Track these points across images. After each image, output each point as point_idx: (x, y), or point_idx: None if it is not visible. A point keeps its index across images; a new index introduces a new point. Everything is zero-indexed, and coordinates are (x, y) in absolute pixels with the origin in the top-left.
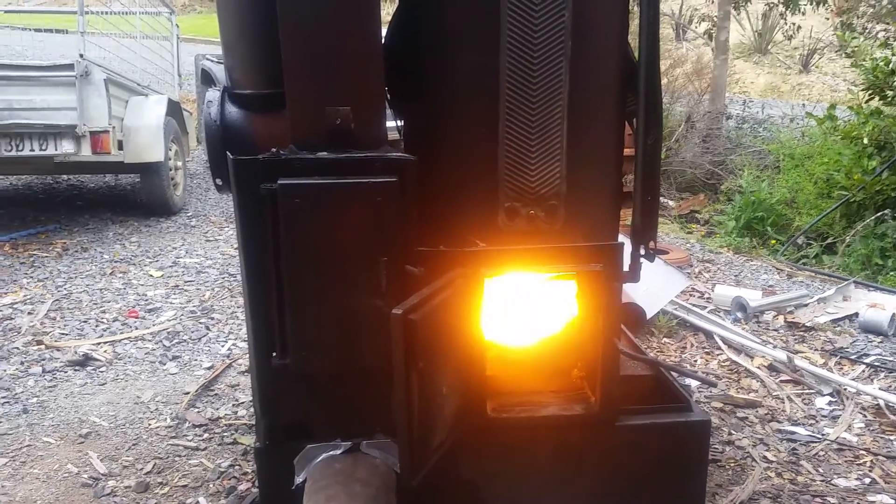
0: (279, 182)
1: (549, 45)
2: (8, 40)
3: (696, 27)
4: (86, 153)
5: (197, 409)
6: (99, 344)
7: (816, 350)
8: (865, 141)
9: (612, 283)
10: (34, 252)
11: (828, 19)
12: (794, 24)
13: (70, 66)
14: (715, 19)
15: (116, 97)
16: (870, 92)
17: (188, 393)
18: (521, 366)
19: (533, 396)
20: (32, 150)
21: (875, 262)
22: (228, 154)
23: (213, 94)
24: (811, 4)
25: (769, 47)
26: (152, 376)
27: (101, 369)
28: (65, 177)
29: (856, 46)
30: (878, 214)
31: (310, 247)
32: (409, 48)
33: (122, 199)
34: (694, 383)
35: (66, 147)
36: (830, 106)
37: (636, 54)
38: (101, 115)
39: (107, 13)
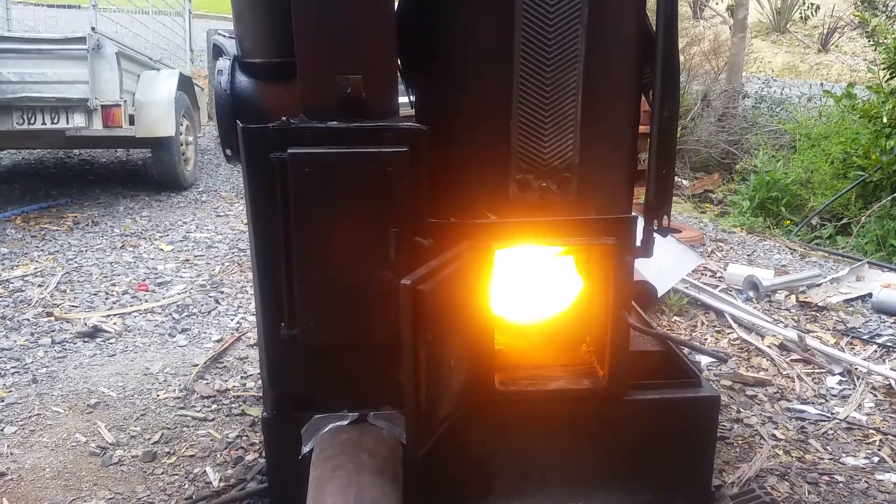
0: (289, 151)
1: (565, 13)
2: (20, 15)
3: (716, 4)
4: (97, 127)
5: (205, 381)
6: (109, 316)
7: (828, 330)
8: (885, 120)
9: (625, 258)
10: (45, 225)
11: None
12: (812, 3)
13: (82, 40)
14: None
15: (128, 71)
16: (890, 70)
17: (197, 365)
18: (529, 340)
19: (541, 370)
20: (44, 123)
21: (890, 243)
22: (238, 123)
23: (224, 64)
24: None
25: (787, 26)
26: (161, 348)
27: (110, 341)
28: (76, 151)
29: (876, 25)
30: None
31: (319, 216)
32: (422, 18)
33: (133, 173)
34: (704, 361)
35: (78, 121)
36: (849, 84)
37: (653, 25)
38: (112, 88)
39: None
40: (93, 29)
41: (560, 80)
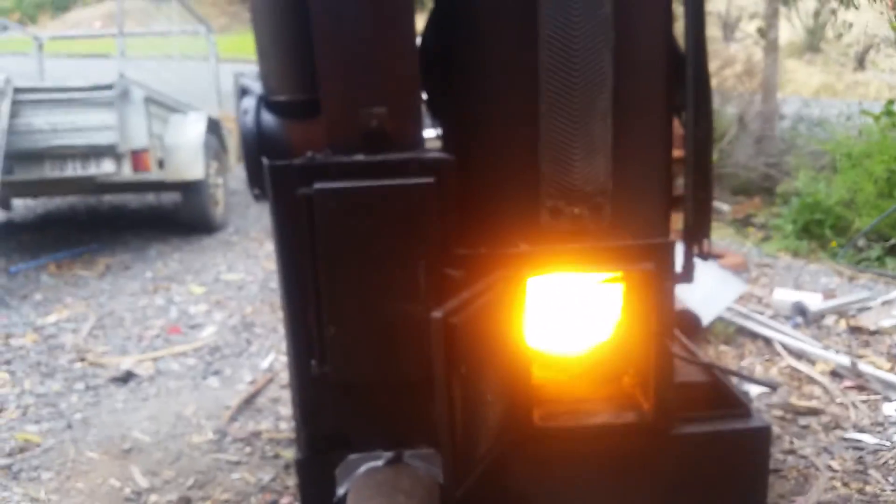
0: (315, 186)
1: (591, 37)
2: (52, 67)
3: (746, 25)
4: (126, 172)
5: (238, 424)
6: (141, 360)
7: (882, 354)
8: None
9: (665, 283)
10: (78, 272)
11: (882, 13)
12: (844, 21)
13: (109, 87)
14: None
15: (156, 115)
16: None
17: (229, 407)
18: (569, 372)
19: (582, 404)
20: (74, 170)
21: None
22: (264, 160)
23: (249, 103)
24: None
25: (821, 45)
26: (194, 391)
27: (142, 385)
28: (107, 197)
29: None
30: None
31: (347, 251)
32: (446, 47)
33: (163, 217)
34: (754, 392)
35: (107, 167)
36: (889, 101)
37: (683, 47)
38: (140, 133)
39: (145, 34)
40: (121, 75)
41: (588, 102)
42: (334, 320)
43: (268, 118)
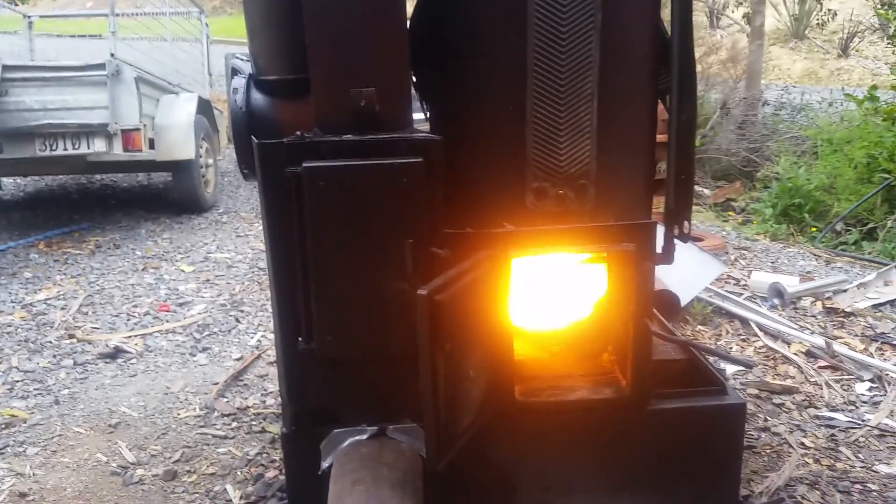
0: (304, 165)
1: (579, 18)
2: (43, 46)
3: (731, 12)
4: (117, 151)
5: (226, 399)
6: (130, 337)
7: (856, 335)
8: None
9: (645, 264)
10: (68, 250)
11: (867, 0)
12: (829, 10)
13: (101, 66)
14: (749, 4)
15: (147, 96)
16: None
17: (217, 383)
18: (550, 349)
19: (562, 380)
20: (66, 149)
21: None
22: (253, 138)
23: (239, 82)
24: None
25: (806, 32)
26: (182, 367)
27: (131, 361)
28: (98, 176)
29: None
30: None
31: (335, 230)
32: (434, 28)
33: (154, 197)
34: (730, 371)
35: (99, 146)
36: (871, 87)
37: (668, 30)
38: (132, 113)
39: (137, 14)
40: (112, 55)
41: (575, 85)
42: (321, 297)
43: (257, 97)
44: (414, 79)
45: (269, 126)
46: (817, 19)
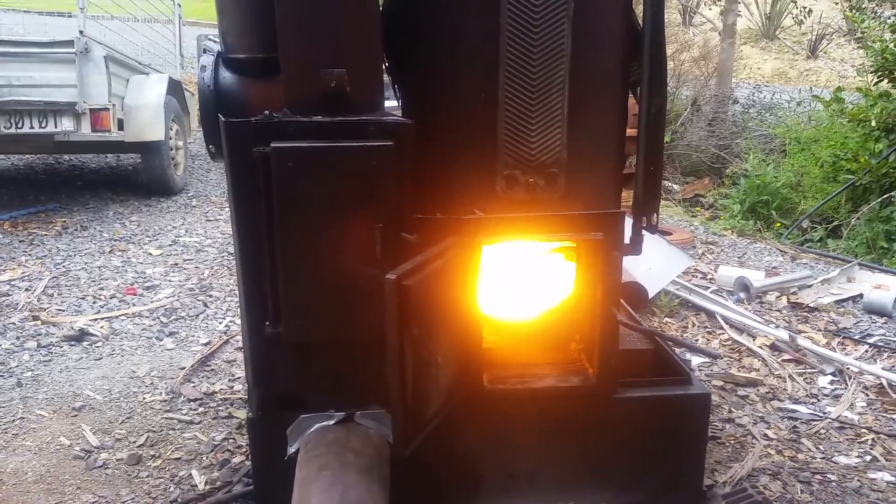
0: (272, 145)
1: (551, 5)
2: (10, 21)
3: (708, 9)
4: (85, 131)
5: (192, 384)
6: (96, 320)
7: (819, 330)
8: (873, 124)
9: (613, 253)
10: (34, 230)
11: (837, 3)
12: (804, 7)
13: (70, 43)
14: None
15: (117, 75)
16: (879, 74)
17: (184, 368)
18: (518, 337)
19: (530, 368)
20: (32, 127)
21: (880, 245)
22: (220, 117)
23: (207, 59)
24: None
25: (777, 33)
26: (148, 352)
27: (97, 344)
28: (66, 157)
29: (865, 28)
30: (885, 197)
31: (302, 212)
32: (408, 12)
33: (123, 178)
34: (695, 362)
35: (66, 125)
36: (837, 89)
37: (640, 22)
38: (100, 92)
39: None
40: (81, 32)
41: (547, 73)
42: (289, 281)
43: (226, 75)
44: (386, 63)
45: (238, 105)
46: (794, 18)
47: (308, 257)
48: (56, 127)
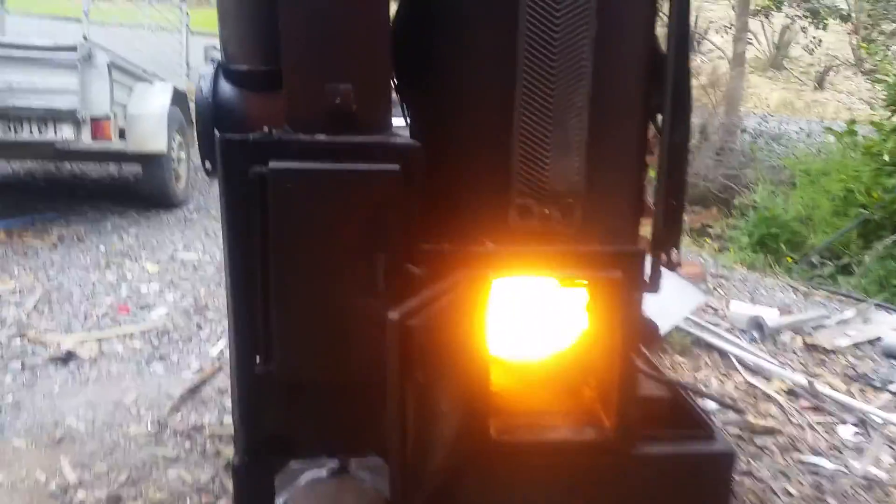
0: (270, 165)
1: (573, 25)
2: (18, 26)
3: (720, 35)
4: (86, 140)
5: (180, 415)
6: (85, 340)
7: (837, 375)
8: (886, 158)
9: (632, 293)
10: (29, 241)
11: (849, 34)
12: (815, 37)
13: (72, 48)
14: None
15: (120, 83)
16: (892, 108)
17: (172, 397)
18: (527, 381)
19: (540, 417)
20: (31, 134)
21: (893, 283)
22: (216, 132)
23: (206, 70)
24: (836, 19)
25: (784, 63)
26: (137, 377)
27: (83, 367)
28: (67, 165)
29: (878, 61)
30: None
31: (301, 239)
32: (419, 28)
33: (123, 189)
34: (710, 405)
35: (66, 133)
36: (850, 121)
37: (664, 46)
38: (102, 100)
39: None
40: (84, 37)
41: (565, 97)
42: (283, 313)
43: (225, 87)
44: (395, 81)
45: (236, 119)
46: (805, 48)
47: (305, 288)
48: (55, 134)
